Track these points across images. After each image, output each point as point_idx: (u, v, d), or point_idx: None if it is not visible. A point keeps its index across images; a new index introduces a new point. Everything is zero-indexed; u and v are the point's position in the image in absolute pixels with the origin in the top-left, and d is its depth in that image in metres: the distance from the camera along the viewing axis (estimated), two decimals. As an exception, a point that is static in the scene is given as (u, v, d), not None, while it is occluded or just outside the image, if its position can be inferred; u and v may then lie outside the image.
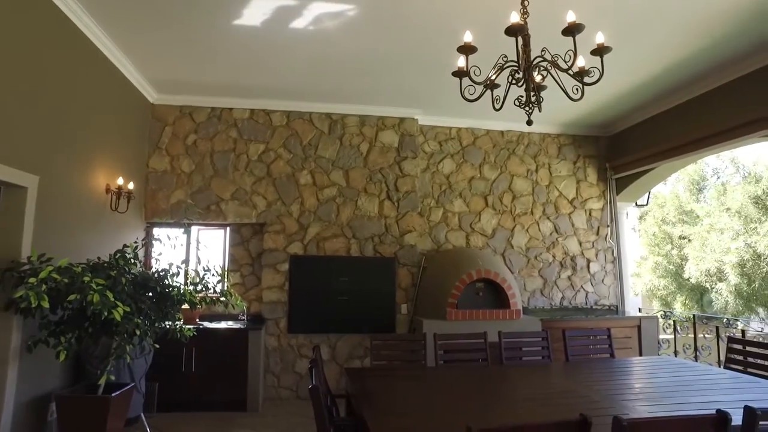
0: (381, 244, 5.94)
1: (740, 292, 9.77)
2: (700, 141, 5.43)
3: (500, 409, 2.82)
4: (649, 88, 5.50)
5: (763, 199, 10.02)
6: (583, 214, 6.78)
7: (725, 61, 4.82)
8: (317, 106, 5.97)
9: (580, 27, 2.62)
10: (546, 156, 6.75)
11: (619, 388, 3.28)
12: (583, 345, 4.53)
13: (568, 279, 6.62)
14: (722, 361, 4.42)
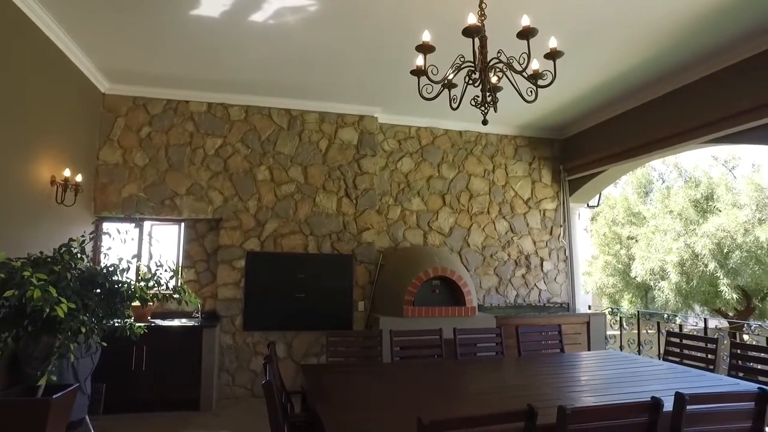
0: (339, 241, 5.94)
1: (680, 290, 10.28)
2: (646, 146, 5.69)
3: (454, 402, 2.87)
4: (600, 94, 5.72)
5: (701, 203, 10.58)
6: (538, 214, 6.98)
7: (669, 71, 5.07)
8: (276, 102, 5.90)
9: (534, 31, 2.71)
10: (503, 157, 6.91)
11: (567, 381, 3.40)
12: (535, 341, 4.67)
13: (523, 277, 6.80)
14: (662, 353, 4.65)
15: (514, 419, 1.96)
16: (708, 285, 10.09)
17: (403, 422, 2.35)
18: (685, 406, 2.15)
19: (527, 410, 1.95)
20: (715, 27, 4.18)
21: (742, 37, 4.37)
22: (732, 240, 9.55)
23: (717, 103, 4.81)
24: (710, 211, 10.53)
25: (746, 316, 10.39)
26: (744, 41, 4.43)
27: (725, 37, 4.37)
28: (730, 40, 4.42)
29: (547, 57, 2.85)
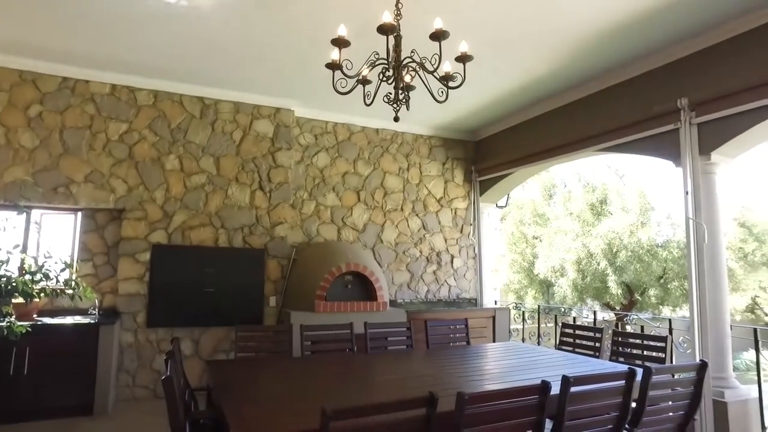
0: (251, 235, 5.80)
1: (576, 286, 11.20)
2: (549, 151, 6.10)
3: (362, 392, 2.92)
4: (511, 101, 6.04)
5: (597, 207, 11.58)
6: (449, 213, 7.25)
7: (570, 84, 5.48)
8: (189, 89, 5.64)
9: (446, 34, 2.81)
10: (418, 156, 7.09)
11: (471, 371, 3.57)
12: (443, 334, 4.85)
13: (434, 273, 7.03)
14: (558, 343, 5.01)
15: (415, 405, 2.03)
16: (599, 281, 11.06)
17: (310, 413, 2.35)
18: (569, 387, 2.35)
19: (428, 397, 2.03)
20: (609, 47, 4.58)
21: (630, 59, 4.82)
22: (620, 241, 10.52)
23: (606, 116, 5.28)
24: (604, 214, 11.53)
25: (629, 309, 11.48)
26: (630, 63, 4.90)
27: (616, 57, 4.80)
28: (620, 60, 4.86)
29: (458, 60, 2.97)
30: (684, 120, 4.49)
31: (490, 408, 2.18)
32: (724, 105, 4.20)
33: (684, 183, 4.50)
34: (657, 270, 10.78)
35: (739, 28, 4.12)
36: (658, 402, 2.87)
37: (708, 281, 4.31)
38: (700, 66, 4.45)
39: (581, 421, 2.54)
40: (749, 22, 4.04)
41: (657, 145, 4.82)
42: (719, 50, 4.31)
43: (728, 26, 4.15)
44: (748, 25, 4.06)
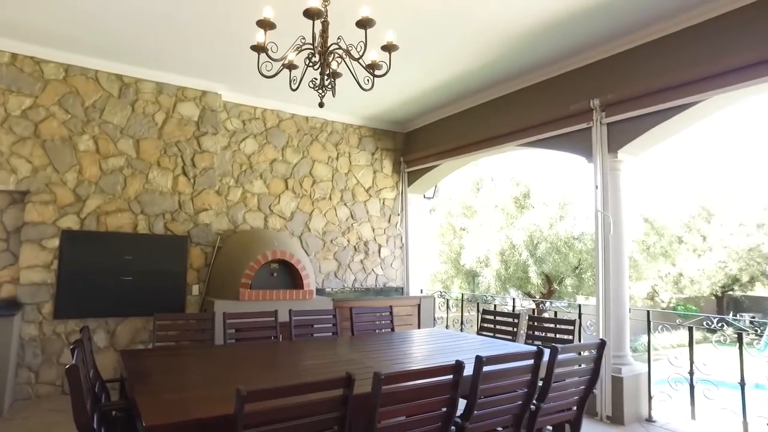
0: (173, 221, 5.58)
1: (500, 276, 11.72)
2: (474, 144, 6.31)
3: (283, 377, 2.91)
4: (439, 94, 6.17)
5: (520, 200, 12.15)
6: (378, 203, 7.33)
7: (494, 80, 5.68)
8: (105, 65, 5.30)
9: (372, 22, 2.84)
10: (347, 145, 7.10)
11: (394, 355, 3.66)
12: (368, 321, 4.92)
13: (361, 263, 7.10)
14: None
15: (332, 386, 2.07)
16: (521, 272, 11.63)
17: (227, 398, 2.32)
18: (482, 366, 2.47)
19: (345, 377, 2.07)
20: (533, 46, 4.80)
21: (551, 59, 5.07)
22: (540, 233, 11.11)
23: (528, 113, 5.55)
24: (526, 208, 12.11)
25: (549, 298, 12.16)
26: (551, 63, 5.16)
27: (539, 56, 5.03)
28: (542, 60, 5.11)
29: (384, 49, 3.01)
30: (596, 119, 4.81)
31: (406, 387, 2.25)
32: (630, 107, 4.55)
33: (594, 178, 4.83)
34: (573, 261, 11.49)
35: (644, 38, 4.46)
36: (564, 378, 3.09)
37: (612, 269, 4.67)
38: (611, 70, 4.78)
39: (493, 398, 2.69)
40: (652, 33, 4.39)
41: (572, 142, 5.13)
42: (627, 56, 4.64)
43: (635, 35, 4.49)
44: (651, 35, 4.41)
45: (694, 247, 19.13)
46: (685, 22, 4.17)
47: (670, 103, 4.25)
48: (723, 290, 19.80)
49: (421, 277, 7.70)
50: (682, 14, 4.13)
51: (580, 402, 3.24)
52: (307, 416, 2.04)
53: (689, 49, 4.17)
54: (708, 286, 19.12)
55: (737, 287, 19.79)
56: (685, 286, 18.84)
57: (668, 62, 4.30)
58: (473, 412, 2.54)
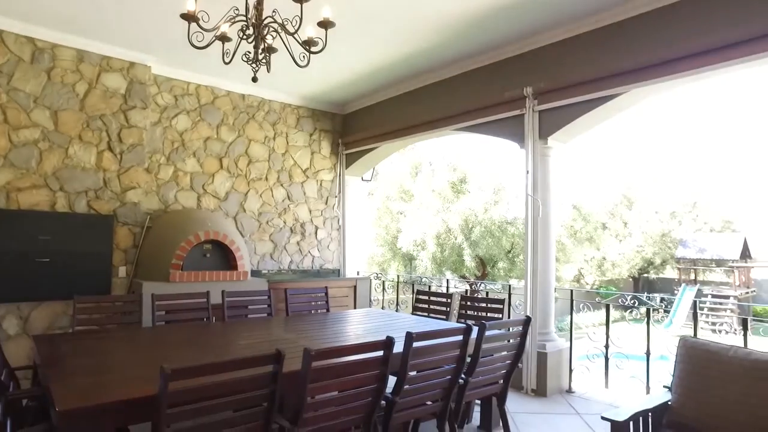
0: (97, 199, 5.27)
1: (435, 259, 12.00)
2: (412, 128, 6.36)
3: (213, 356, 2.86)
4: (379, 76, 6.15)
5: (456, 185, 12.44)
6: (315, 184, 7.26)
7: (435, 64, 5.72)
8: (13, 25, 4.84)
9: (308, -4, 2.78)
10: (285, 125, 6.96)
11: (328, 334, 3.68)
12: (304, 302, 4.91)
13: (297, 244, 7.03)
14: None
15: (262, 363, 2.06)
16: (456, 255, 11.95)
17: (152, 379, 2.25)
18: (412, 342, 2.54)
19: (275, 354, 2.06)
20: (472, 33, 4.85)
21: (489, 46, 5.17)
22: (475, 217, 11.44)
23: (465, 98, 5.65)
24: (462, 192, 12.41)
25: (482, 280, 12.60)
26: (488, 50, 5.27)
27: (477, 43, 5.11)
28: (480, 46, 5.19)
29: (320, 25, 2.96)
30: (528, 107, 4.98)
31: (336, 363, 2.28)
32: (560, 96, 4.74)
33: (526, 163, 5.02)
34: (506, 244, 11.95)
35: (573, 31, 4.64)
36: (492, 353, 3.23)
37: (540, 251, 4.89)
38: (543, 60, 4.95)
39: (423, 373, 2.78)
40: (580, 27, 4.57)
41: (506, 128, 5.29)
42: (558, 47, 4.82)
43: (565, 28, 4.66)
44: (579, 29, 4.59)
45: (616, 233, 20.43)
46: (609, 19, 4.38)
47: (596, 93, 4.47)
48: (639, 272, 21.33)
49: (359, 260, 7.74)
50: (605, 11, 4.34)
51: (506, 375, 3.41)
52: (236, 393, 2.02)
53: (613, 44, 4.39)
54: (627, 269, 20.52)
55: (651, 270, 21.38)
56: (607, 269, 20.12)
57: (594, 55, 4.51)
58: (403, 386, 2.61)
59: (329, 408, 2.35)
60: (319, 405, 2.31)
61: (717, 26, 3.72)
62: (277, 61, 3.30)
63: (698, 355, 2.81)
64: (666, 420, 2.80)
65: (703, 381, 2.72)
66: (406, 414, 2.81)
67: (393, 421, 2.71)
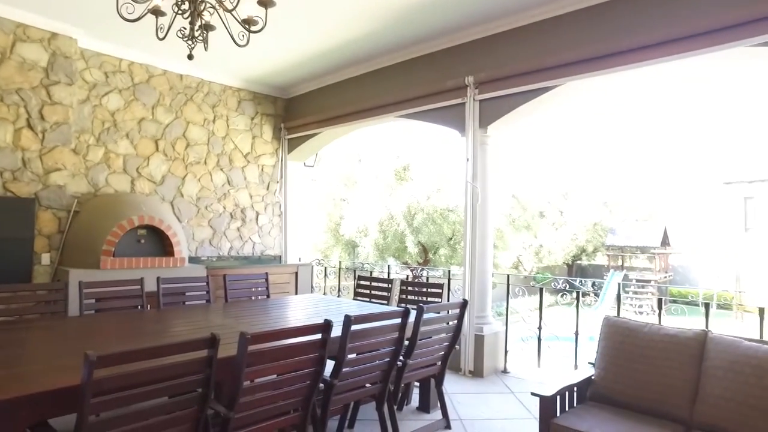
0: (15, 181, 4.91)
1: (378, 246, 12.09)
2: (355, 114, 6.34)
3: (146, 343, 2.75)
4: (322, 61, 6.06)
5: (400, 172, 12.54)
6: (256, 169, 7.10)
7: (377, 51, 5.70)
8: None
9: (246, -28, 2.70)
10: (225, 108, 6.75)
11: (266, 319, 3.64)
12: (243, 288, 4.83)
13: (237, 230, 6.87)
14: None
15: (196, 347, 2.01)
16: (399, 241, 12.09)
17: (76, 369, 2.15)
18: (350, 325, 2.56)
19: (209, 338, 2.02)
20: (417, 20, 4.85)
21: (433, 34, 5.21)
22: (418, 204, 11.60)
23: (409, 85, 5.69)
24: (406, 180, 12.53)
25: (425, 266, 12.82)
26: (433, 38, 5.31)
27: (422, 31, 5.12)
28: (425, 34, 5.21)
29: (260, 4, 2.88)
30: (469, 96, 5.08)
31: (274, 347, 2.26)
32: (500, 86, 4.86)
33: (466, 151, 5.13)
34: (447, 232, 12.21)
35: (514, 23, 4.75)
36: (430, 335, 3.31)
37: (479, 236, 5.04)
38: (485, 50, 5.05)
39: (362, 356, 2.81)
40: (520, 19, 4.69)
41: (448, 116, 5.37)
42: (499, 39, 4.93)
43: (506, 20, 4.76)
44: (520, 21, 4.71)
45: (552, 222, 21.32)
46: (547, 13, 4.52)
47: (534, 85, 4.62)
48: (573, 259, 22.41)
49: (301, 246, 7.68)
50: (543, 6, 4.47)
51: (444, 357, 3.50)
52: (168, 379, 1.96)
53: (550, 38, 4.54)
54: (562, 256, 21.51)
55: (584, 257, 22.54)
56: (544, 257, 20.99)
57: (533, 48, 4.65)
58: (342, 369, 2.63)
59: (267, 392, 2.33)
60: (257, 389, 2.29)
61: (648, 25, 3.92)
62: (216, 41, 3.19)
63: (618, 332, 3.00)
64: (589, 393, 2.99)
65: (622, 355, 2.91)
66: (345, 396, 2.84)
67: (332, 404, 2.73)
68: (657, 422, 2.63)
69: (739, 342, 2.61)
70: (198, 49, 2.98)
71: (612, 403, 2.87)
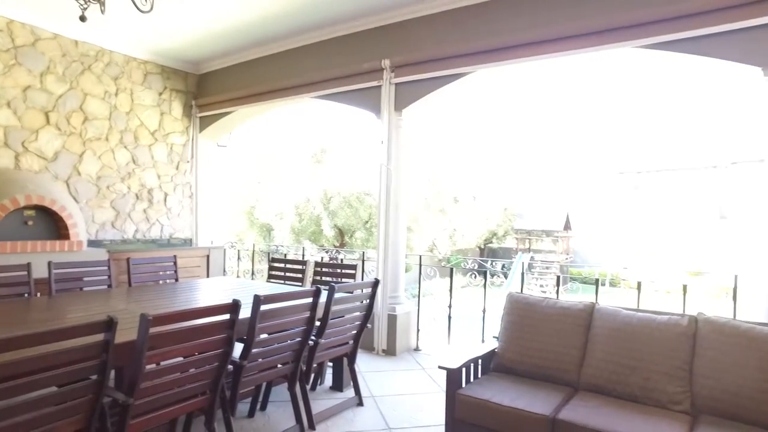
0: None
1: (294, 229, 11.94)
2: (271, 93, 6.16)
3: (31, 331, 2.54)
4: (238, 35, 5.77)
5: (317, 155, 12.42)
6: (165, 148, 6.71)
7: (296, 28, 5.55)
8: None
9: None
10: (129, 81, 6.28)
11: (174, 303, 3.49)
12: (150, 272, 4.59)
13: (144, 212, 6.47)
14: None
15: (88, 332, 1.89)
16: (315, 225, 12.01)
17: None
18: (260, 305, 2.52)
19: (105, 321, 1.91)
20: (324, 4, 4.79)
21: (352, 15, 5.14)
22: (334, 187, 11.57)
23: (326, 66, 5.61)
24: (323, 162, 12.44)
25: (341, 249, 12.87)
26: (352, 19, 5.24)
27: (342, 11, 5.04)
28: (345, 15, 5.13)
29: (163, -32, 2.70)
30: (386, 79, 5.12)
31: (178, 328, 2.18)
32: (416, 70, 4.94)
33: (381, 133, 5.18)
34: (364, 215, 12.29)
35: (430, 9, 4.82)
36: (342, 314, 3.35)
37: (392, 218, 5.13)
38: (401, 34, 5.09)
39: (272, 336, 2.78)
40: (436, 6, 4.78)
41: (364, 98, 5.38)
42: (416, 23, 4.98)
43: (423, 5, 4.83)
44: (436, 8, 4.79)
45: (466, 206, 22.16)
46: (459, 3, 4.64)
47: (447, 71, 4.75)
48: (485, 242, 23.52)
49: (214, 229, 7.39)
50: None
51: (356, 336, 3.56)
52: (59, 367, 1.83)
53: (465, 26, 4.67)
54: (475, 239, 22.49)
55: (495, 240, 23.73)
56: (457, 240, 21.80)
57: (448, 34, 4.76)
58: (251, 350, 2.59)
59: (172, 375, 2.25)
60: (160, 373, 2.20)
61: (550, 20, 4.15)
62: (116, 4, 2.96)
63: (520, 306, 3.21)
64: (493, 364, 3.18)
65: (522, 328, 3.13)
66: (255, 377, 2.81)
67: (242, 386, 2.69)
68: (550, 386, 2.87)
69: (618, 311, 2.90)
70: (95, 13, 2.75)
71: (513, 372, 3.07)
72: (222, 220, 12.83)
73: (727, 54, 3.42)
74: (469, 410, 2.71)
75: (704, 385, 2.55)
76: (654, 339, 2.70)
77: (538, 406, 2.57)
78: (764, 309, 3.25)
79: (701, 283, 16.39)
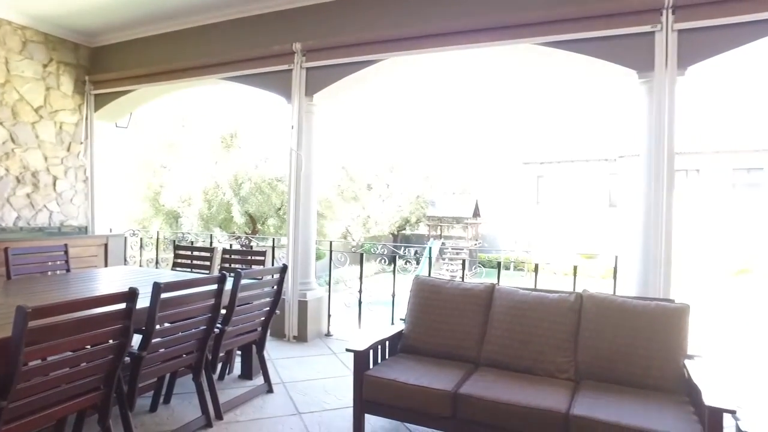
0: None
1: (203, 216, 11.44)
2: (176, 72, 5.81)
3: None
4: (136, 7, 5.36)
5: (227, 139, 11.95)
6: (53, 127, 6.12)
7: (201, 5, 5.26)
8: None
9: None
10: (4, 49, 5.62)
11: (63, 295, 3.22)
12: (35, 263, 4.23)
13: (28, 197, 5.87)
14: (172, 266, 5.06)
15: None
16: (225, 212, 11.58)
17: None
18: (160, 293, 2.41)
19: (-23, 314, 1.72)
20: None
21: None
22: (245, 173, 11.22)
23: (235, 46, 5.39)
24: (233, 147, 11.99)
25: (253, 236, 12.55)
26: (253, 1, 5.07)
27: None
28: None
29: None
30: (297, 63, 5.03)
31: (65, 320, 2.02)
32: (328, 55, 4.90)
33: (291, 118, 5.09)
34: (276, 202, 12.03)
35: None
36: (250, 301, 3.28)
37: (302, 204, 5.08)
38: (313, 17, 5.01)
39: (174, 325, 2.67)
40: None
41: (274, 81, 5.25)
42: (328, 7, 4.92)
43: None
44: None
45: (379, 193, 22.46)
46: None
47: (359, 57, 4.75)
48: (398, 229, 24.02)
49: (113, 216, 6.89)
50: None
51: (264, 323, 3.51)
52: None
53: (377, 13, 4.69)
54: (388, 226, 22.89)
55: (408, 227, 24.32)
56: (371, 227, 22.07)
57: (360, 20, 4.76)
58: (151, 340, 2.47)
59: (56, 372, 2.08)
60: (45, 369, 2.04)
61: (457, 12, 4.29)
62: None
63: (425, 289, 3.34)
64: (400, 345, 3.28)
65: (428, 309, 3.25)
66: (156, 369, 2.69)
67: (141, 379, 2.57)
68: (454, 364, 3.02)
69: (516, 291, 3.10)
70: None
71: (419, 353, 3.19)
72: (122, 207, 11.96)
73: (608, 56, 3.78)
74: (377, 390, 2.78)
75: (586, 353, 2.81)
76: (546, 315, 2.93)
77: (441, 383, 2.69)
78: (636, 285, 3.64)
79: (593, 264, 17.93)
